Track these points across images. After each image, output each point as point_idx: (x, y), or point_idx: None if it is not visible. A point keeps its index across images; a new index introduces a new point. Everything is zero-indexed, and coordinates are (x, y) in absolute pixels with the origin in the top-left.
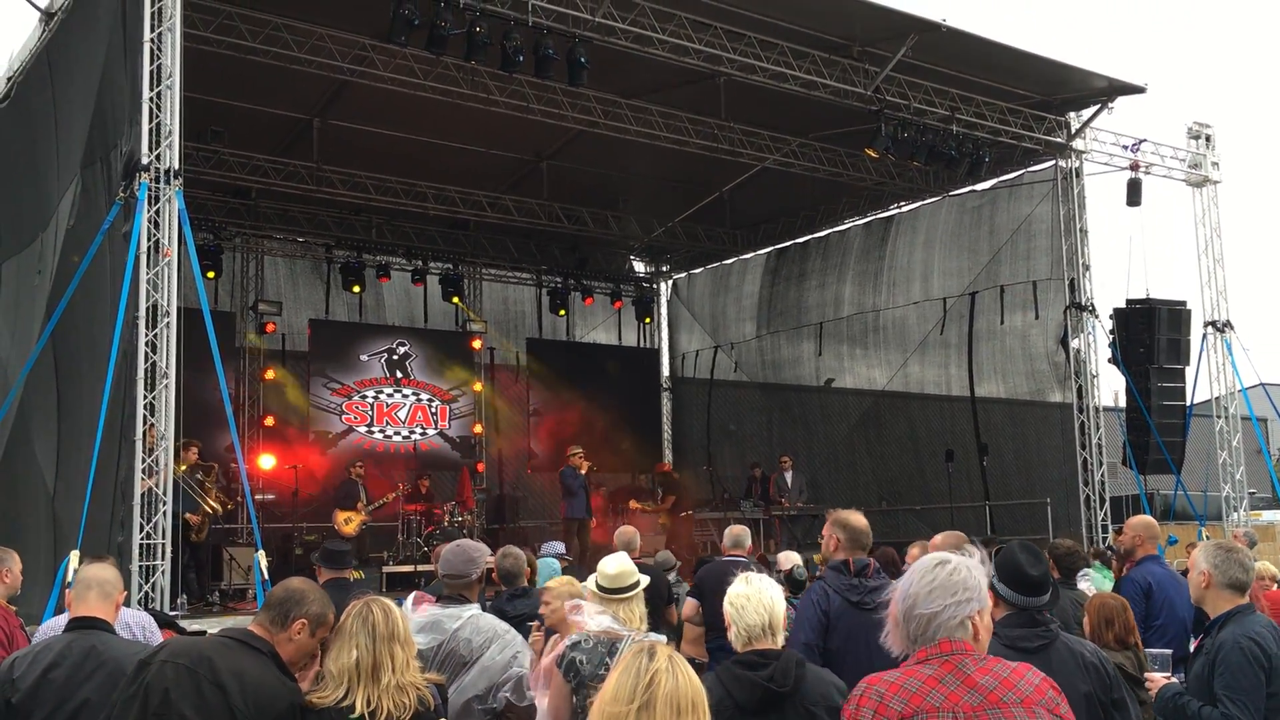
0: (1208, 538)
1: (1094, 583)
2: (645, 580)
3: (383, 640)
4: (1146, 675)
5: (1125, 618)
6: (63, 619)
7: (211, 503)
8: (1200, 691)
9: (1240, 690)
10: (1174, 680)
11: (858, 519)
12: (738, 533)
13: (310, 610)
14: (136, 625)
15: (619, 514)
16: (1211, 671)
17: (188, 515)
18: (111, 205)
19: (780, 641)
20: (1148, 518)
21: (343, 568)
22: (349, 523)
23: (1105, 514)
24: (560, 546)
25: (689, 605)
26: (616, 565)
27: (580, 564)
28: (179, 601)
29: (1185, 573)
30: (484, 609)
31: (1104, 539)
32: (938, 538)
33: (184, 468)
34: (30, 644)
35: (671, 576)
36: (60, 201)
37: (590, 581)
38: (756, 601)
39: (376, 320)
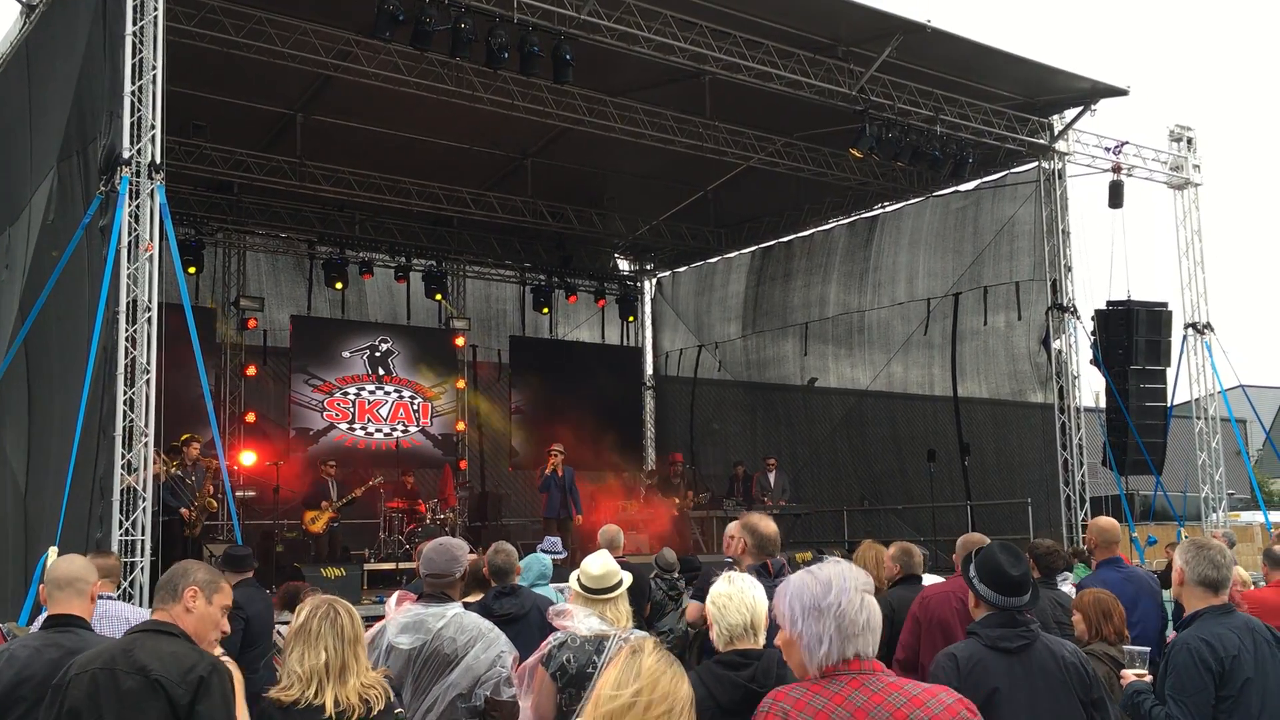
0: (1187, 538)
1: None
2: (629, 578)
3: (349, 643)
4: (1121, 672)
5: (1120, 610)
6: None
7: (208, 498)
8: (1162, 690)
9: (1184, 692)
10: (1147, 678)
11: (767, 525)
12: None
13: (197, 577)
14: (137, 620)
15: (645, 505)
16: (1166, 670)
17: (182, 510)
18: (89, 199)
19: (762, 641)
20: (1105, 521)
21: (245, 570)
22: (315, 521)
23: (1085, 514)
24: (558, 543)
25: (695, 608)
26: (600, 565)
27: (563, 562)
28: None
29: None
30: (468, 607)
31: (1083, 539)
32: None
33: (176, 464)
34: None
35: (675, 575)
36: (34, 195)
37: (573, 581)
38: (739, 601)
39: (358, 317)
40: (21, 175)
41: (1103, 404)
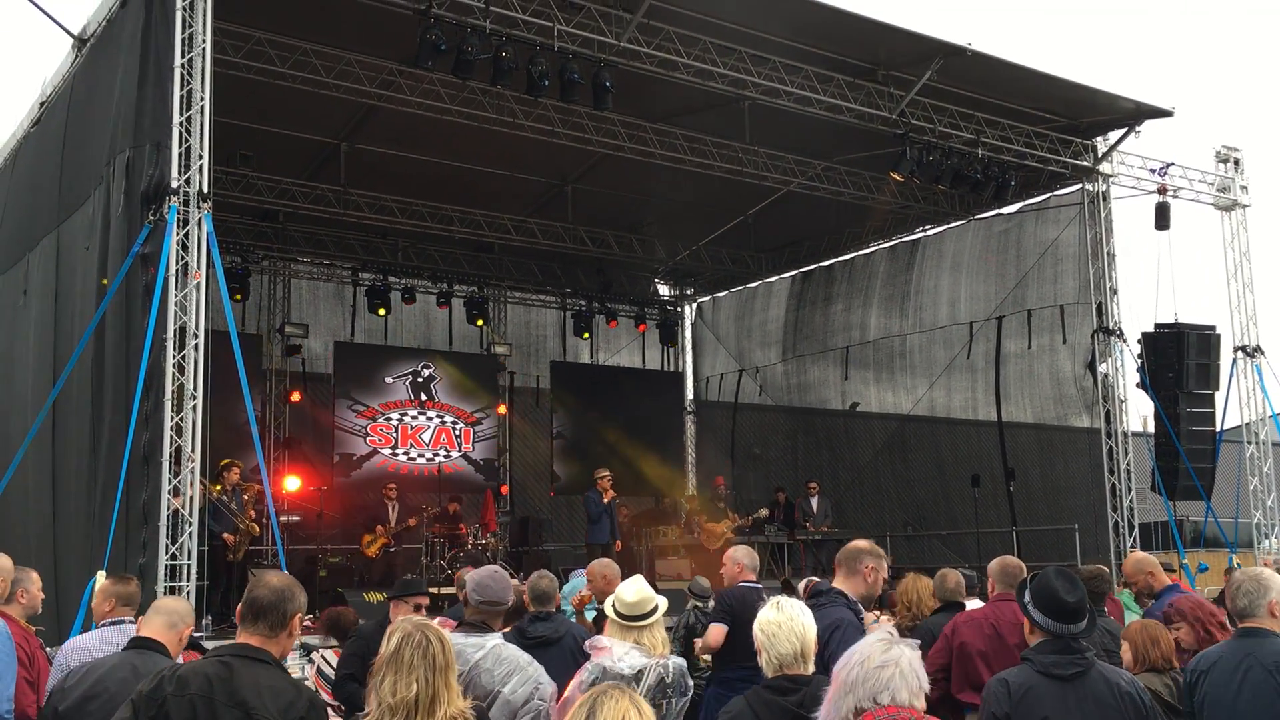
0: (1238, 565)
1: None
2: (664, 603)
3: (440, 671)
4: None
5: (1170, 638)
6: (86, 638)
7: (249, 523)
8: None
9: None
10: None
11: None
12: (754, 554)
13: (301, 601)
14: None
15: (692, 532)
16: None
17: (225, 535)
18: (110, 227)
19: (811, 668)
20: (1139, 554)
21: (416, 592)
22: (370, 545)
23: (1134, 541)
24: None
25: (719, 631)
26: (636, 592)
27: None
28: (204, 623)
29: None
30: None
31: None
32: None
33: (218, 489)
34: (51, 664)
35: (711, 604)
36: (62, 223)
37: (608, 608)
38: (788, 629)
39: (400, 343)
40: (49, 203)
41: (1151, 428)
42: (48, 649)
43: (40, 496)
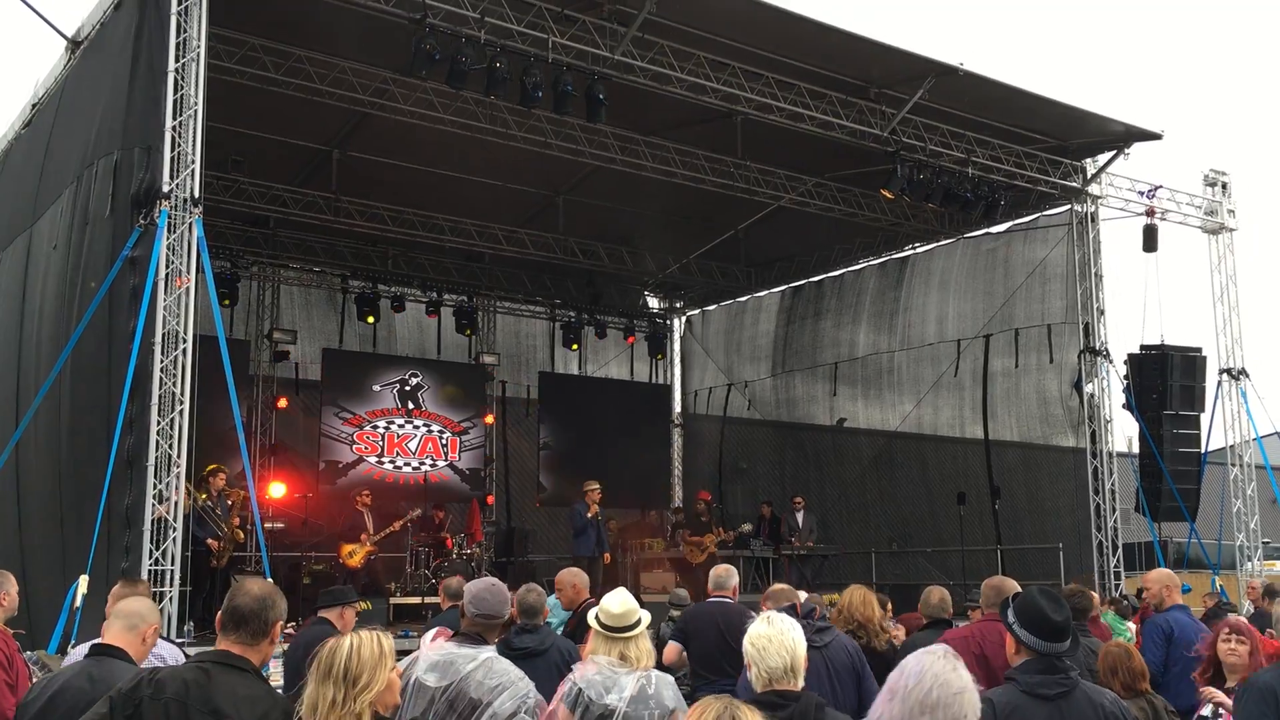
0: (1221, 587)
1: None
2: (648, 616)
3: (336, 683)
4: None
5: (1130, 664)
6: (84, 646)
7: (234, 528)
8: None
9: None
10: None
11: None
12: (722, 573)
13: (281, 608)
14: (171, 658)
15: (677, 545)
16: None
17: (209, 541)
18: (87, 228)
19: (801, 683)
20: (1165, 570)
21: (344, 602)
22: (353, 555)
23: (1118, 561)
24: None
25: (671, 649)
26: (620, 603)
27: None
28: (186, 628)
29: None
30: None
31: (1117, 586)
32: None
33: (203, 495)
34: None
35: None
36: (35, 223)
37: (592, 619)
38: (779, 643)
39: (389, 351)
40: (24, 203)
41: (1136, 449)
42: (27, 654)
43: (5, 501)
